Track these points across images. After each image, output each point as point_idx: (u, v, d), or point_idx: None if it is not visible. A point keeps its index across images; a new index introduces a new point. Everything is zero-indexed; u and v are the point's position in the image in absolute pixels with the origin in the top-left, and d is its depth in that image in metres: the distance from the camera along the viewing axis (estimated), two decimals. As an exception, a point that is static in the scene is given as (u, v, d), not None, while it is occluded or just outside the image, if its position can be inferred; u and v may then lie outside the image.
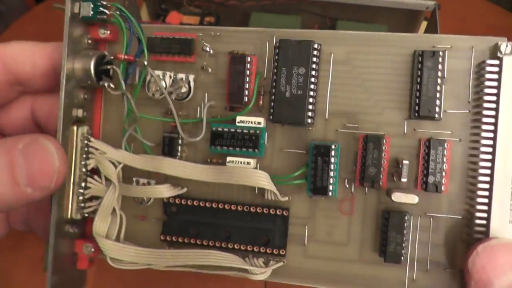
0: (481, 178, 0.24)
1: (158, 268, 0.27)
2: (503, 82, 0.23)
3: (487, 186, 0.24)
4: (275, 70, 0.26)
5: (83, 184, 0.27)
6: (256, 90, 0.27)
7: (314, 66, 0.26)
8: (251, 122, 0.26)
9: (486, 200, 0.24)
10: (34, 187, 0.24)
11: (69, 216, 0.27)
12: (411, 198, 0.24)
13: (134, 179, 0.28)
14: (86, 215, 0.28)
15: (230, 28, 0.28)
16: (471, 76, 0.25)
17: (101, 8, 0.26)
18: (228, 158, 0.26)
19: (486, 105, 0.24)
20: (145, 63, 0.27)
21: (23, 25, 0.28)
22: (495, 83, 0.24)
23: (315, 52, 0.26)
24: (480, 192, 0.24)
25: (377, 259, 0.26)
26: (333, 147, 0.25)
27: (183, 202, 0.28)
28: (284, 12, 0.25)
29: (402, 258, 0.25)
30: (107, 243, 0.27)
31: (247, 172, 0.26)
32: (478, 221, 0.24)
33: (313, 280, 0.27)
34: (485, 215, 0.24)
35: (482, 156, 0.24)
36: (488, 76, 0.24)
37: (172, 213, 0.28)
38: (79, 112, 0.27)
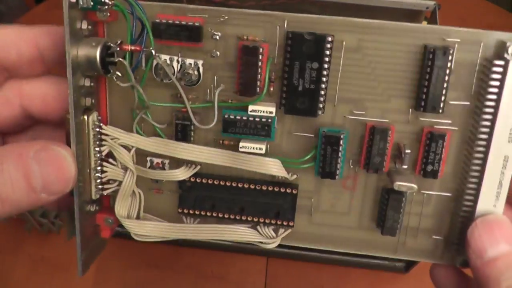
0: (473, 168, 0.27)
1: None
2: (506, 83, 0.25)
3: (478, 174, 0.27)
4: (288, 63, 0.26)
5: (99, 169, 0.28)
6: (267, 77, 0.27)
7: (327, 59, 0.26)
8: (263, 112, 0.27)
9: (475, 186, 0.27)
10: (49, 193, 0.24)
11: (90, 198, 0.28)
12: (411, 188, 0.27)
13: (148, 158, 0.29)
14: (105, 193, 0.29)
15: (238, 10, 0.26)
16: (476, 69, 0.26)
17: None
18: (241, 144, 0.28)
19: (487, 103, 0.25)
20: (153, 52, 0.26)
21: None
22: (498, 83, 0.25)
23: (328, 45, 0.26)
24: (472, 173, 0.27)
25: (374, 227, 0.30)
26: (342, 136, 0.27)
27: (197, 180, 0.29)
28: (284, 12, 0.24)
29: (397, 231, 0.29)
30: (130, 222, 0.29)
31: (260, 161, 0.27)
32: (466, 203, 0.27)
33: (317, 243, 0.30)
34: (472, 197, 0.27)
35: (477, 148, 0.26)
36: (493, 76, 0.25)
37: (186, 188, 0.30)
38: (87, 101, 0.27)
